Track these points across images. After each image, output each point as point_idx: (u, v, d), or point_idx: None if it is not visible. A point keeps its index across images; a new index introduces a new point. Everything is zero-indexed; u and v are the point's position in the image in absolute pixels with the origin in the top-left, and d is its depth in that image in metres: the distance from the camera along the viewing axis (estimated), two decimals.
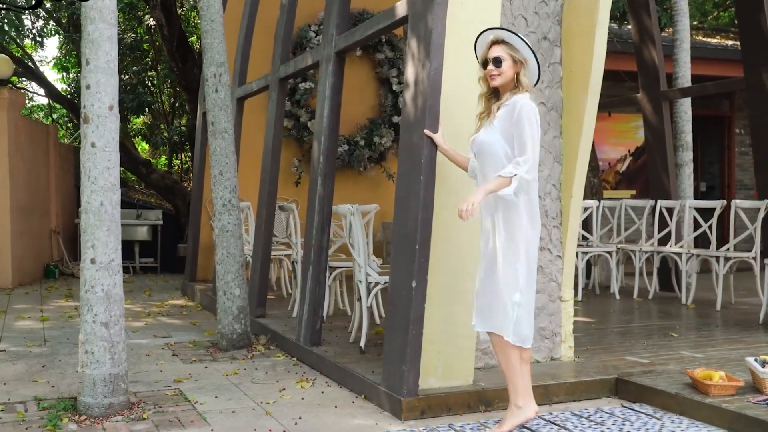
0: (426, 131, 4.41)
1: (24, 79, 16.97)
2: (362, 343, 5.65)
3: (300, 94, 10.22)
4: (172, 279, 12.02)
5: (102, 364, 4.55)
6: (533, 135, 3.86)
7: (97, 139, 4.60)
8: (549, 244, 5.30)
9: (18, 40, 7.84)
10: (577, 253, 8.14)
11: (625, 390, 4.78)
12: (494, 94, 4.06)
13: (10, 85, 14.00)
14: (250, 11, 8.42)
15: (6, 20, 4.98)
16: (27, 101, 19.93)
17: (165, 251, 13.54)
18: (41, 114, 20.27)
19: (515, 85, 3.97)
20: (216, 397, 4.93)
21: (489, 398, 4.57)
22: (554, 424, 4.25)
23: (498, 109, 3.98)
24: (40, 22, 15.50)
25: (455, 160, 4.38)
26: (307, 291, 5.99)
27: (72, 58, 17.23)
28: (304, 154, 10.41)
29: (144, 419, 4.44)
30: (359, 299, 5.81)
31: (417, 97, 4.62)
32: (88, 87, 4.60)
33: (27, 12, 13.03)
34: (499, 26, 4.43)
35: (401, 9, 4.94)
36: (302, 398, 4.88)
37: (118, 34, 15.32)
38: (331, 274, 6.69)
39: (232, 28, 8.96)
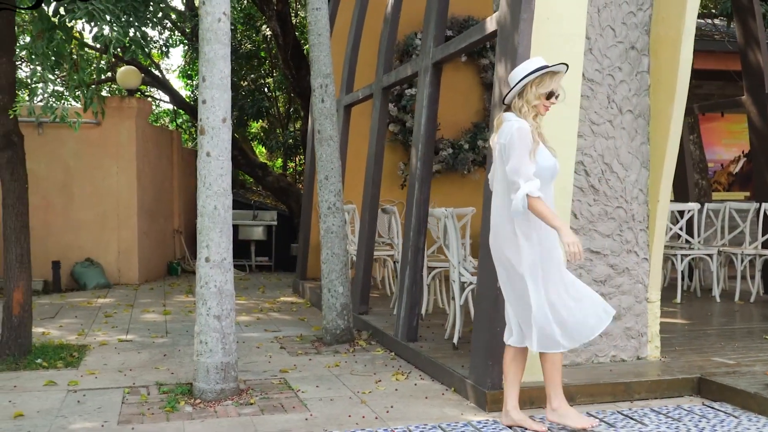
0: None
1: (151, 87, 18.03)
2: (455, 340, 5.95)
3: (406, 99, 10.56)
4: (285, 277, 12.61)
5: (215, 353, 5.03)
6: None
7: (212, 148, 5.08)
8: (635, 247, 5.45)
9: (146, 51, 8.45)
10: (677, 255, 8.21)
11: (707, 389, 4.90)
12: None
13: (139, 93, 15.02)
14: (357, 23, 8.84)
15: (133, 41, 5.53)
16: (154, 107, 21.15)
17: (279, 250, 14.22)
18: (167, 119, 21.46)
19: None
20: (317, 386, 5.34)
21: (572, 393, 4.77)
22: (632, 419, 4.44)
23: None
24: (166, 33, 16.48)
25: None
26: (404, 290, 6.34)
27: (195, 66, 18.21)
28: (410, 157, 10.76)
29: (251, 404, 4.89)
30: (454, 298, 6.10)
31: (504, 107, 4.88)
32: (204, 102, 5.08)
33: (158, 29, 13.90)
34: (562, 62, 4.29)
35: (491, 24, 5.23)
36: (396, 389, 5.23)
37: (238, 43, 16.12)
38: (430, 273, 7.03)
39: (342, 38, 9.43)
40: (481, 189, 10.76)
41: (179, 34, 16.80)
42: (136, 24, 5.42)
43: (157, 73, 17.13)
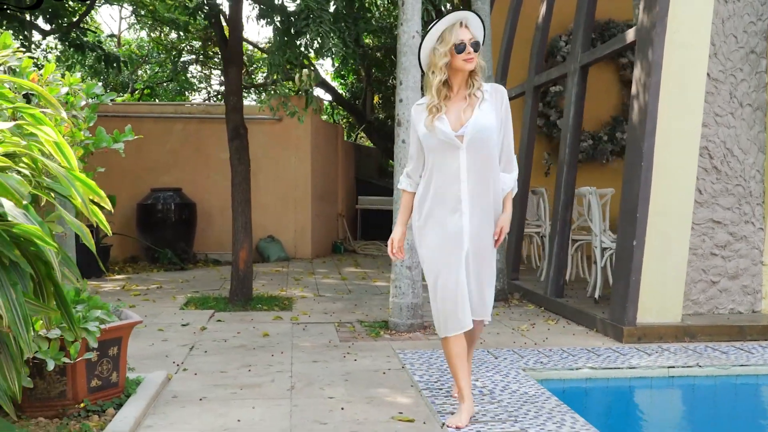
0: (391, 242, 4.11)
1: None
2: (596, 296, 7.18)
3: (551, 96, 11.78)
4: None
5: (406, 295, 6.47)
6: None
7: (406, 137, 6.51)
8: (752, 219, 6.53)
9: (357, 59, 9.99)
10: None
11: None
12: (444, 83, 3.76)
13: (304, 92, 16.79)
14: (510, 29, 10.12)
15: (347, 53, 7.04)
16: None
17: None
18: (324, 117, 23.40)
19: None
20: (484, 325, 6.69)
21: (693, 332, 5.96)
22: (741, 350, 5.58)
23: (473, 95, 3.74)
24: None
25: (410, 206, 4.02)
26: (553, 255, 7.61)
27: (346, 69, 19.98)
28: (553, 148, 11.96)
29: (435, 334, 6.30)
30: (595, 262, 7.32)
31: (641, 102, 6.10)
32: (400, 100, 6.52)
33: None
34: (464, 9, 4.05)
35: (630, 35, 6.43)
36: (548, 329, 6.54)
37: None
38: (573, 245, 8.26)
39: (496, 42, 10.73)
40: (618, 177, 11.95)
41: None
42: (348, 38, 6.92)
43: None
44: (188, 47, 20.47)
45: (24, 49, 3.21)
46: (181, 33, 17.89)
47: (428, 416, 4.04)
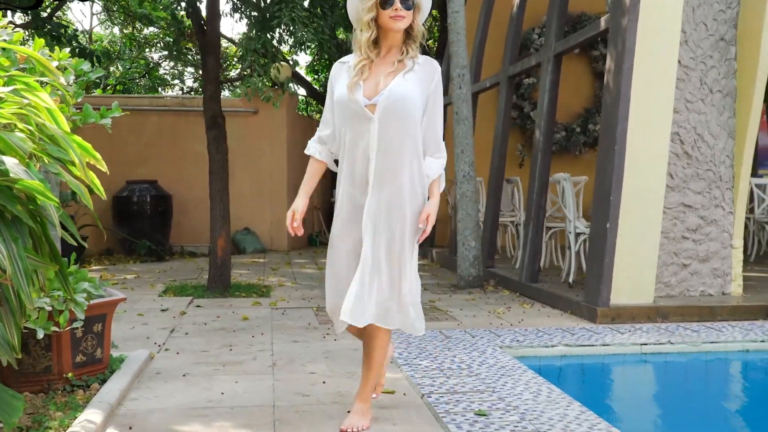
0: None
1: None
2: (570, 280, 7.31)
3: (524, 88, 11.92)
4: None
5: None
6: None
7: None
8: (722, 203, 6.69)
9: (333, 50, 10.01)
10: None
11: None
12: (374, 43, 3.31)
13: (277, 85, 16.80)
14: (484, 22, 10.25)
15: (322, 41, 7.10)
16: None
17: None
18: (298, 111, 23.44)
19: (407, 33, 3.33)
20: (461, 309, 6.81)
21: (665, 312, 6.10)
22: (712, 329, 5.73)
23: (401, 61, 3.32)
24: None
25: (316, 176, 3.64)
26: (528, 241, 7.74)
27: (320, 64, 20.04)
28: (527, 139, 12.10)
29: None
30: (569, 248, 7.45)
31: (614, 87, 6.24)
32: None
33: None
34: None
35: (603, 23, 6.57)
36: (524, 311, 6.66)
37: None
38: (547, 232, 8.39)
39: (470, 33, 10.83)
40: (591, 168, 12.14)
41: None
42: (323, 27, 6.99)
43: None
44: (161, 43, 20.44)
45: (13, 25, 3.25)
46: (155, 28, 17.90)
47: (408, 388, 4.13)
